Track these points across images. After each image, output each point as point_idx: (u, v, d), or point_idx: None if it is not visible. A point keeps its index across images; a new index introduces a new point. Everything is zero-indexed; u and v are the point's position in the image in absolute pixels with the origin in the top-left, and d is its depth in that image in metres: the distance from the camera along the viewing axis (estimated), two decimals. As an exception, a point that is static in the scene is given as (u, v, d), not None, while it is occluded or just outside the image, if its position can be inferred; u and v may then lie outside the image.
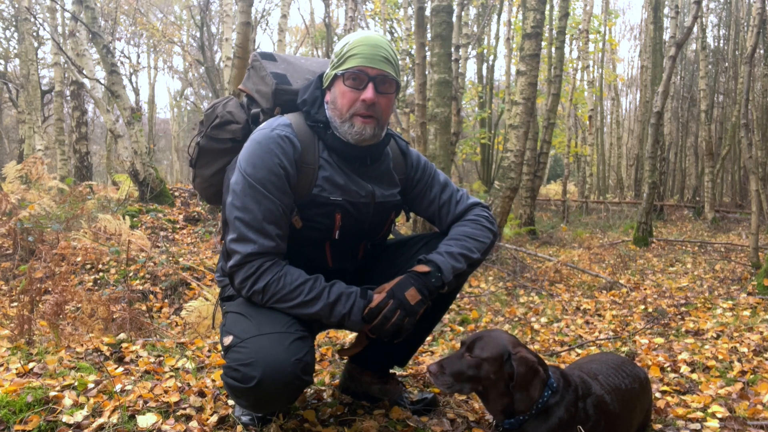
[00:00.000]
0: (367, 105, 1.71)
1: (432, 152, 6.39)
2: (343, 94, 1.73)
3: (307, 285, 1.66)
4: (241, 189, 1.67)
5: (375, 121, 1.75)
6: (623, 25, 43.63)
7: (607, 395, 1.63)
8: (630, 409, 1.71)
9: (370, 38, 1.73)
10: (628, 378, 1.75)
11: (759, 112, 14.35)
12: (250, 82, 1.96)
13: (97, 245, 5.12)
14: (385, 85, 1.74)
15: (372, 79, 1.71)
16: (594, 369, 1.76)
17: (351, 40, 1.73)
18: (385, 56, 1.73)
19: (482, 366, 1.51)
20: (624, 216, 14.09)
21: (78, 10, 8.52)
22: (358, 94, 1.71)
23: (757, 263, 5.87)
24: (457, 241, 1.84)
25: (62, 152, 13.00)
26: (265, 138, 1.70)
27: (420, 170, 1.99)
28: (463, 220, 1.94)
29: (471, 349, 1.55)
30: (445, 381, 1.56)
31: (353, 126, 1.73)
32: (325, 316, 1.67)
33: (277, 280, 1.65)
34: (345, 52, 1.72)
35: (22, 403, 1.84)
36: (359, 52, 1.70)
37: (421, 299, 1.70)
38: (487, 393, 1.55)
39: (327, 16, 17.86)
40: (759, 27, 7.49)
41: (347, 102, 1.72)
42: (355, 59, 1.70)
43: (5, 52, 18.00)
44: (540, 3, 6.39)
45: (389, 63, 1.73)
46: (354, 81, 1.71)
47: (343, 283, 1.72)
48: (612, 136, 26.42)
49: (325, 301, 1.66)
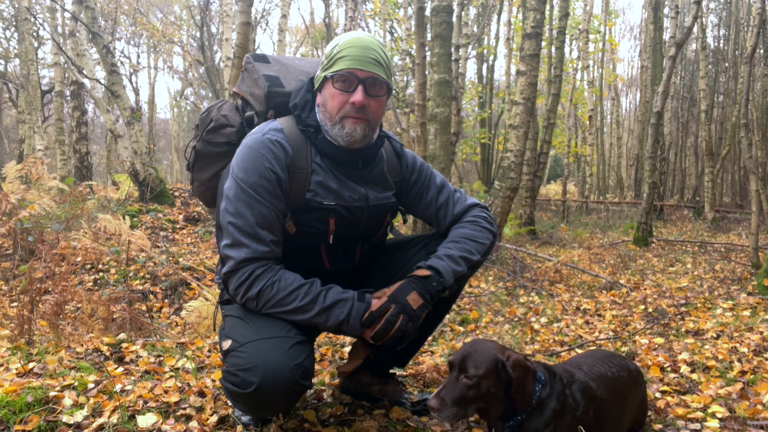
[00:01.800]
0: (356, 108, 1.70)
1: (432, 152, 6.39)
2: (332, 96, 1.71)
3: (302, 290, 1.64)
4: (233, 194, 1.67)
5: (365, 122, 1.73)
6: (623, 25, 43.69)
7: (592, 382, 1.64)
8: (619, 396, 1.71)
9: (360, 39, 1.71)
10: (615, 367, 1.76)
11: (759, 112, 14.34)
12: (243, 85, 1.95)
13: (97, 245, 5.13)
14: (375, 87, 1.72)
15: (362, 81, 1.69)
16: (579, 361, 1.78)
17: (341, 42, 1.72)
18: (375, 58, 1.71)
19: (481, 384, 1.48)
20: (624, 216, 14.09)
21: (78, 10, 8.52)
22: (348, 97, 1.70)
23: (757, 263, 5.87)
24: (456, 243, 1.83)
25: (62, 152, 13.00)
26: (257, 143, 1.69)
27: (416, 172, 1.97)
28: (462, 221, 1.92)
29: (464, 370, 1.51)
30: (449, 413, 1.49)
31: (343, 128, 1.72)
32: (322, 321, 1.65)
33: (271, 285, 1.63)
34: (335, 54, 1.71)
35: (22, 403, 1.84)
36: (348, 54, 1.69)
37: (423, 303, 1.68)
38: (489, 407, 1.53)
39: (327, 16, 17.87)
40: (759, 27, 7.49)
41: (337, 104, 1.71)
42: (344, 61, 1.69)
43: (5, 52, 18.00)
44: (540, 3, 6.39)
45: (379, 65, 1.71)
46: (343, 83, 1.70)
47: (339, 288, 1.69)
48: (612, 136, 26.42)
49: (321, 306, 1.63)
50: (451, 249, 1.80)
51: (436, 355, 2.88)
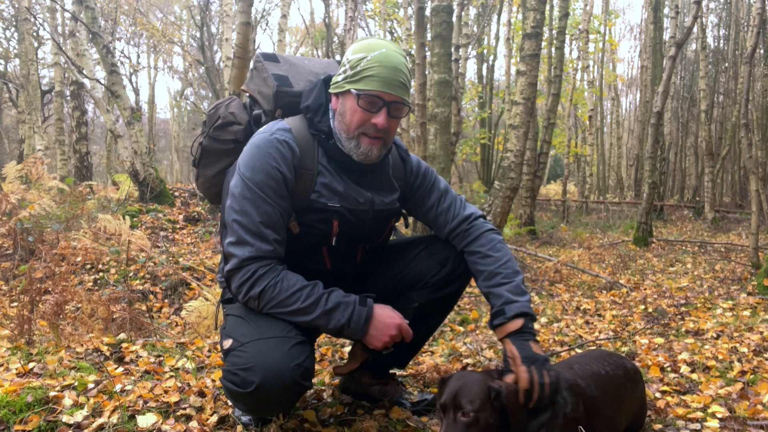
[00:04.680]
0: (377, 129, 1.70)
1: (432, 152, 6.39)
2: (354, 111, 1.70)
3: (305, 292, 1.64)
4: (239, 192, 1.67)
5: (382, 142, 1.74)
6: (623, 25, 43.73)
7: (582, 380, 1.64)
8: (612, 394, 1.71)
9: (390, 58, 1.67)
10: (609, 366, 1.76)
11: (759, 112, 14.35)
12: (252, 83, 1.95)
13: (97, 245, 5.13)
14: (398, 111, 1.72)
15: (387, 104, 1.68)
16: (571, 360, 1.77)
17: (370, 56, 1.66)
18: (403, 81, 1.69)
19: (479, 418, 1.45)
20: (624, 216, 14.09)
21: (78, 10, 8.52)
22: (370, 117, 1.69)
23: (757, 263, 5.87)
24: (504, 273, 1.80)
25: (62, 152, 13.00)
26: (264, 142, 1.69)
27: (420, 176, 1.97)
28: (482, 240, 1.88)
29: (459, 407, 1.47)
30: None
31: (359, 146, 1.72)
32: (323, 324, 1.65)
33: (274, 285, 1.63)
34: (363, 69, 1.67)
35: (22, 403, 1.84)
36: (378, 74, 1.65)
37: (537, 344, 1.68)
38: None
39: (327, 16, 17.87)
40: (759, 27, 7.48)
41: (357, 121, 1.70)
42: (373, 82, 1.66)
43: (5, 52, 18.00)
44: (540, 3, 6.39)
45: (405, 88, 1.71)
46: (368, 104, 1.68)
47: (341, 291, 1.69)
48: (612, 136, 26.43)
49: (323, 308, 1.63)
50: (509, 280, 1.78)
51: (436, 355, 2.88)
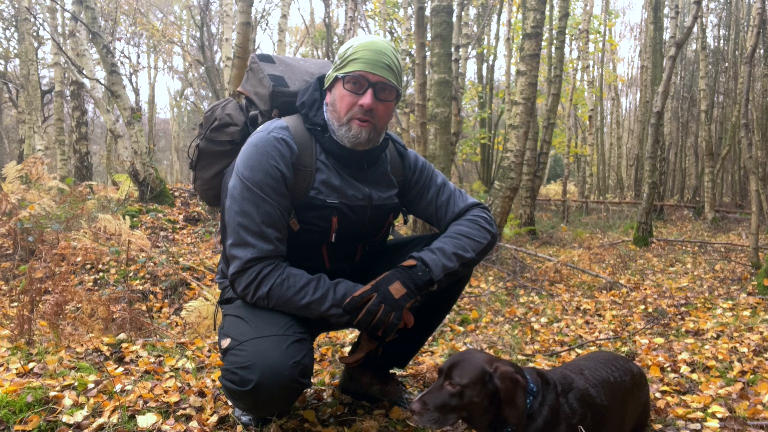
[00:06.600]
0: (364, 110, 1.71)
1: (432, 152, 6.39)
2: (342, 97, 1.73)
3: (312, 285, 1.66)
4: (239, 193, 1.67)
5: (371, 126, 1.74)
6: (623, 25, 43.62)
7: (593, 388, 1.63)
8: (621, 401, 1.70)
9: (374, 43, 1.72)
10: (618, 371, 1.75)
11: (759, 112, 14.34)
12: (248, 84, 1.96)
13: (97, 245, 5.12)
14: (384, 92, 1.73)
15: (372, 85, 1.71)
16: (581, 365, 1.75)
17: (355, 44, 1.73)
18: (388, 63, 1.72)
19: (464, 393, 1.48)
20: (624, 216, 14.09)
21: (78, 10, 8.52)
22: (357, 99, 1.71)
23: (757, 263, 5.87)
24: (451, 239, 1.81)
25: (62, 152, 13.00)
26: (262, 141, 1.70)
27: (417, 171, 1.98)
28: (461, 219, 1.91)
29: (449, 377, 1.50)
30: (430, 417, 1.48)
31: (350, 130, 1.73)
32: (335, 314, 1.66)
33: (281, 283, 1.64)
34: (348, 55, 1.72)
35: (22, 403, 1.84)
36: (362, 57, 1.70)
37: (407, 293, 1.65)
38: (473, 416, 1.52)
39: (327, 16, 17.86)
40: (759, 27, 7.48)
41: (346, 105, 1.72)
42: (356, 63, 1.70)
43: (5, 52, 18.00)
44: (540, 3, 6.39)
45: (391, 71, 1.73)
46: (354, 85, 1.71)
47: (348, 281, 1.71)
48: (612, 136, 26.43)
49: (332, 300, 1.65)
50: (444, 244, 1.78)
51: (436, 355, 2.88)
